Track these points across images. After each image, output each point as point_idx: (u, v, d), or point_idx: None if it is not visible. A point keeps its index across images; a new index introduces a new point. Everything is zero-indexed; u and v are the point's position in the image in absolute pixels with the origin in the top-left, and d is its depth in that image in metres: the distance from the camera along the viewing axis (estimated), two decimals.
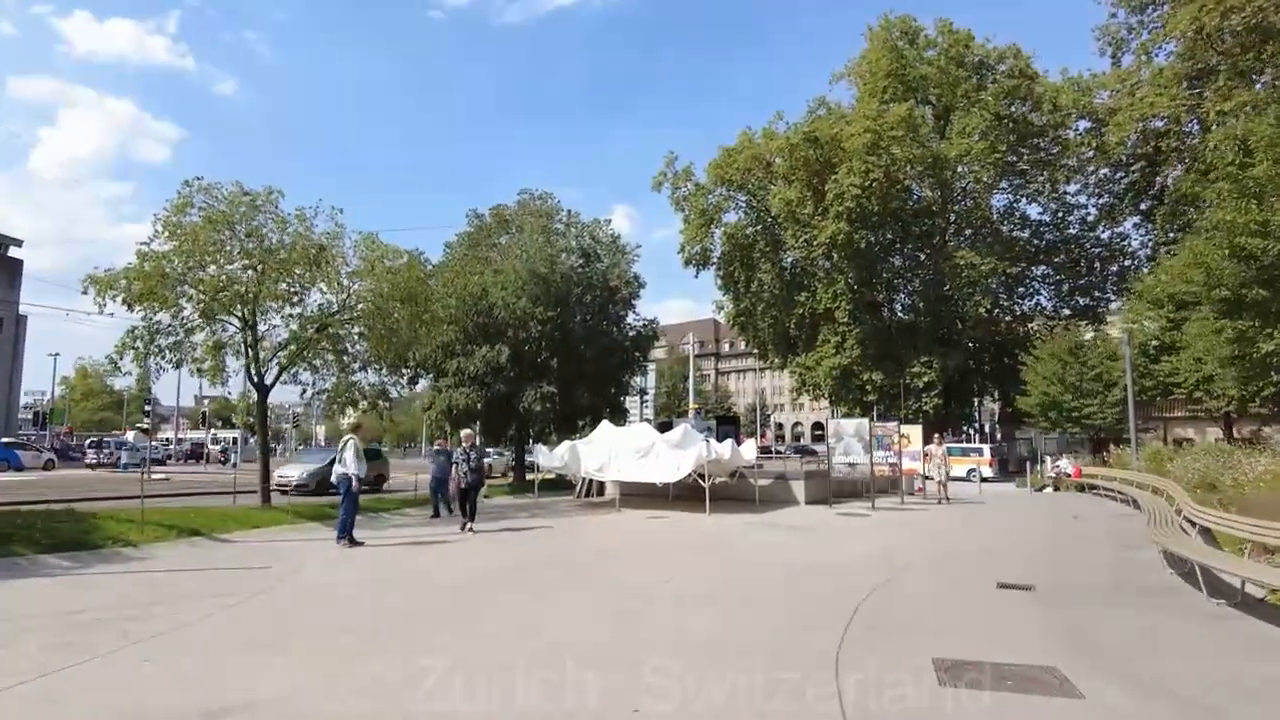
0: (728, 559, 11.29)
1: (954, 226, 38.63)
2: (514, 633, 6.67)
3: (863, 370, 37.46)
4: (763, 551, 12.07)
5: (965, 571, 10.23)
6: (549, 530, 14.93)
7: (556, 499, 21.80)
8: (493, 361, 23.06)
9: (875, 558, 11.24)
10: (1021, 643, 6.29)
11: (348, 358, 19.21)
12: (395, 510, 18.04)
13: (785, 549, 12.28)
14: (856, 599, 7.95)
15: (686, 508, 18.02)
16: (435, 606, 7.88)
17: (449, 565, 10.56)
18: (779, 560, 11.17)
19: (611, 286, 24.57)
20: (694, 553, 11.88)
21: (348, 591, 8.68)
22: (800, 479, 19.19)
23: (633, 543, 13.14)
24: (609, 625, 6.97)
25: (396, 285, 17.53)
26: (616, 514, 17.72)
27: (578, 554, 11.60)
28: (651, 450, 17.68)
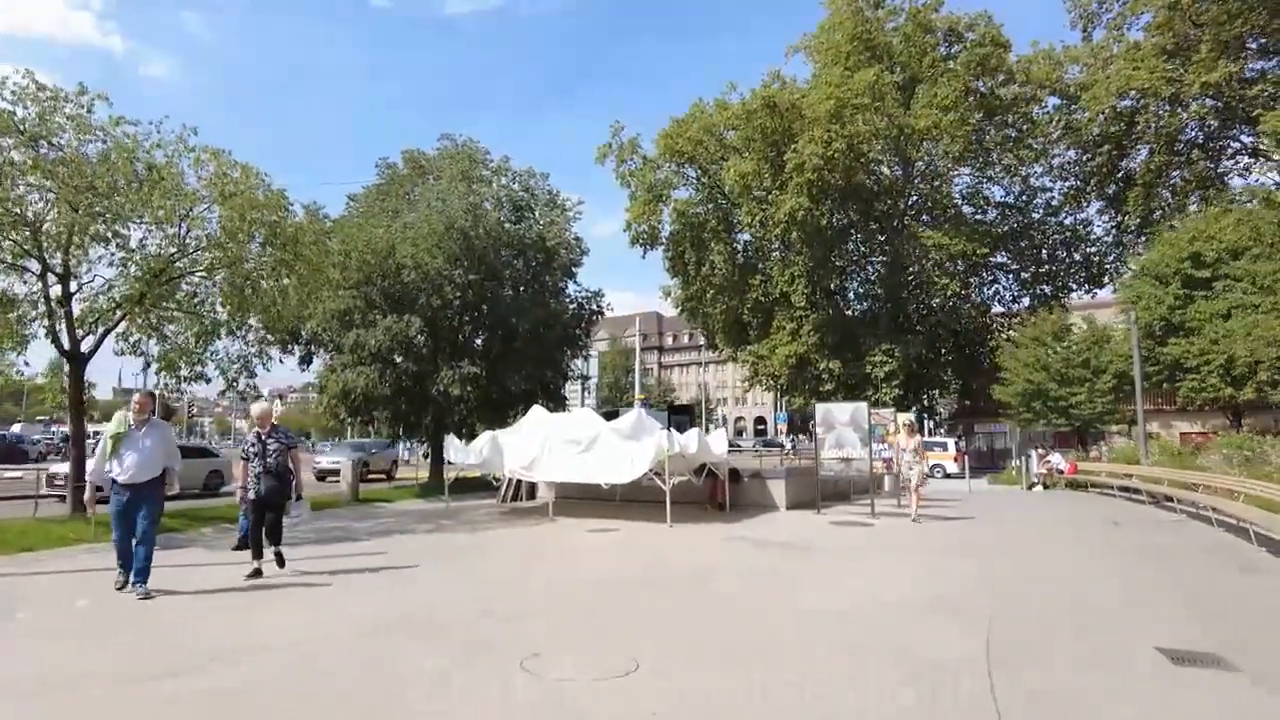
0: (715, 609, 6.97)
1: (915, 208, 35.36)
2: None
3: (819, 359, 33.78)
4: (761, 591, 7.82)
5: (1085, 627, 6.18)
6: (444, 556, 10.37)
7: (475, 503, 17.16)
8: (400, 335, 18.25)
9: (931, 600, 7.14)
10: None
11: (208, 322, 14.28)
12: (205, 525, 13.22)
13: (791, 585, 8.06)
14: (974, 704, 3.78)
15: (640, 515, 13.68)
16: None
17: (191, 644, 5.91)
18: (791, 608, 6.95)
19: (549, 248, 20.04)
20: (660, 596, 7.52)
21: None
22: (780, 478, 15.07)
23: (567, 578, 8.66)
24: None
25: (257, 222, 12.66)
26: (548, 525, 13.24)
27: (469, 608, 6.85)
28: (596, 442, 13.27)
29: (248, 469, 7.91)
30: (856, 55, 32.59)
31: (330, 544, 11.45)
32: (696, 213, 35.89)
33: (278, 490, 7.92)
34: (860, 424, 13.91)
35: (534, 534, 12.24)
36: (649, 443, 12.72)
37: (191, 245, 12.84)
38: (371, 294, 18.82)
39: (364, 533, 12.65)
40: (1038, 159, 33.56)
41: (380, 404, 19.28)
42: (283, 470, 7.93)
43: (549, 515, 13.90)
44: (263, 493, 7.80)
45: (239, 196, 12.08)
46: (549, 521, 13.57)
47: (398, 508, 16.83)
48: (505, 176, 20.46)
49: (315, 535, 12.38)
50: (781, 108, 31.79)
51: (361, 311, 18.77)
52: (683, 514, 13.12)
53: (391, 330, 18.15)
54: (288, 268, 13.31)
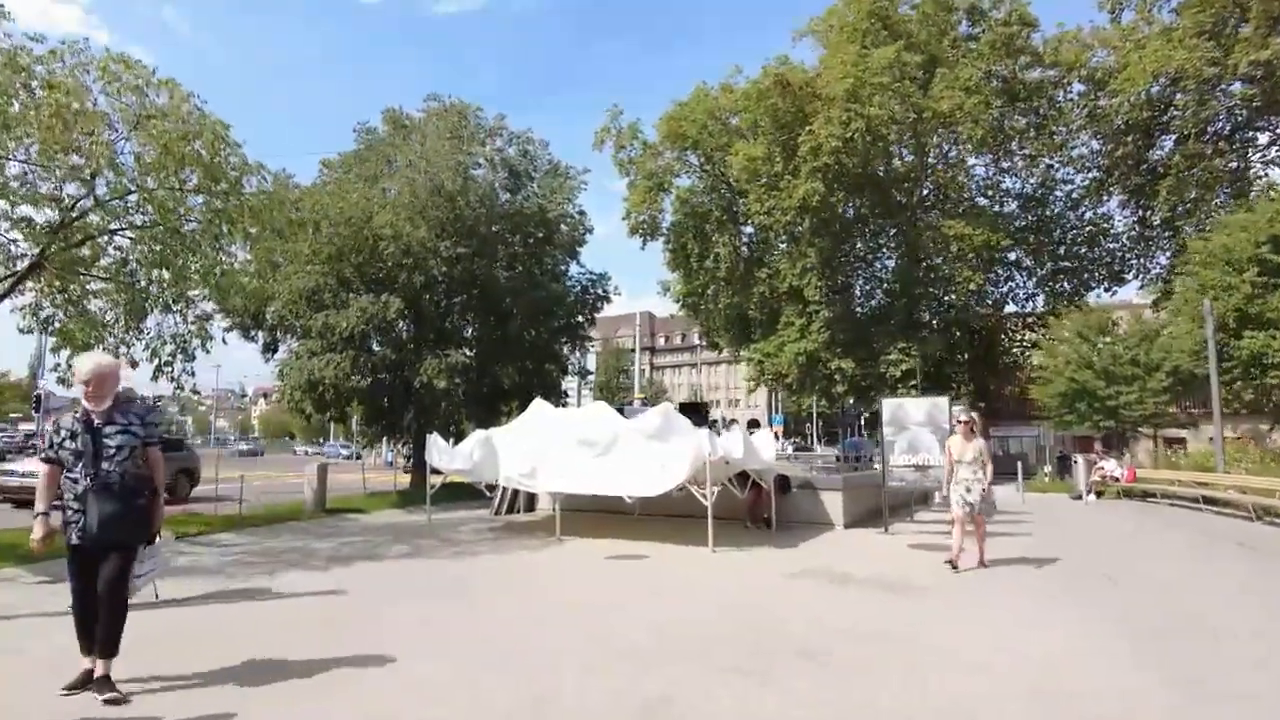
0: (854, 708, 4.17)
1: (930, 199, 32.88)
2: None
3: (831, 357, 31.12)
4: (894, 664, 5.00)
5: None
6: (422, 600, 7.50)
7: (462, 515, 14.26)
8: (377, 317, 15.31)
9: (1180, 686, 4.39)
10: None
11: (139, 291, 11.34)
12: None
13: (932, 653, 5.26)
14: None
15: (669, 534, 10.87)
16: None
17: None
18: (964, 694, 4.18)
19: (549, 221, 17.18)
20: (753, 686, 4.68)
21: None
22: (837, 489, 12.29)
23: (599, 652, 5.73)
24: None
25: (189, 159, 9.73)
26: (555, 549, 10.38)
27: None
28: (616, 445, 10.44)
29: (51, 481, 4.22)
30: (874, 34, 30.02)
31: (279, 570, 8.55)
32: (700, 202, 33.17)
33: (122, 523, 4.12)
34: (939, 423, 11.17)
35: (538, 563, 9.38)
36: (684, 446, 9.92)
37: (103, 189, 9.86)
38: (344, 270, 15.86)
39: (324, 556, 9.73)
40: (1060, 149, 31.19)
41: (353, 397, 16.31)
42: (134, 486, 4.25)
43: (554, 534, 11.03)
44: (93, 530, 4.04)
45: (159, 120, 9.13)
46: (554, 543, 10.70)
47: (371, 521, 13.88)
48: (500, 138, 17.63)
49: (263, 558, 9.46)
50: (795, 87, 29.15)
51: (333, 290, 15.81)
52: (721, 533, 10.32)
53: (367, 311, 15.20)
54: (231, 224, 10.36)
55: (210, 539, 11.18)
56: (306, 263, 15.65)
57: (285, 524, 12.96)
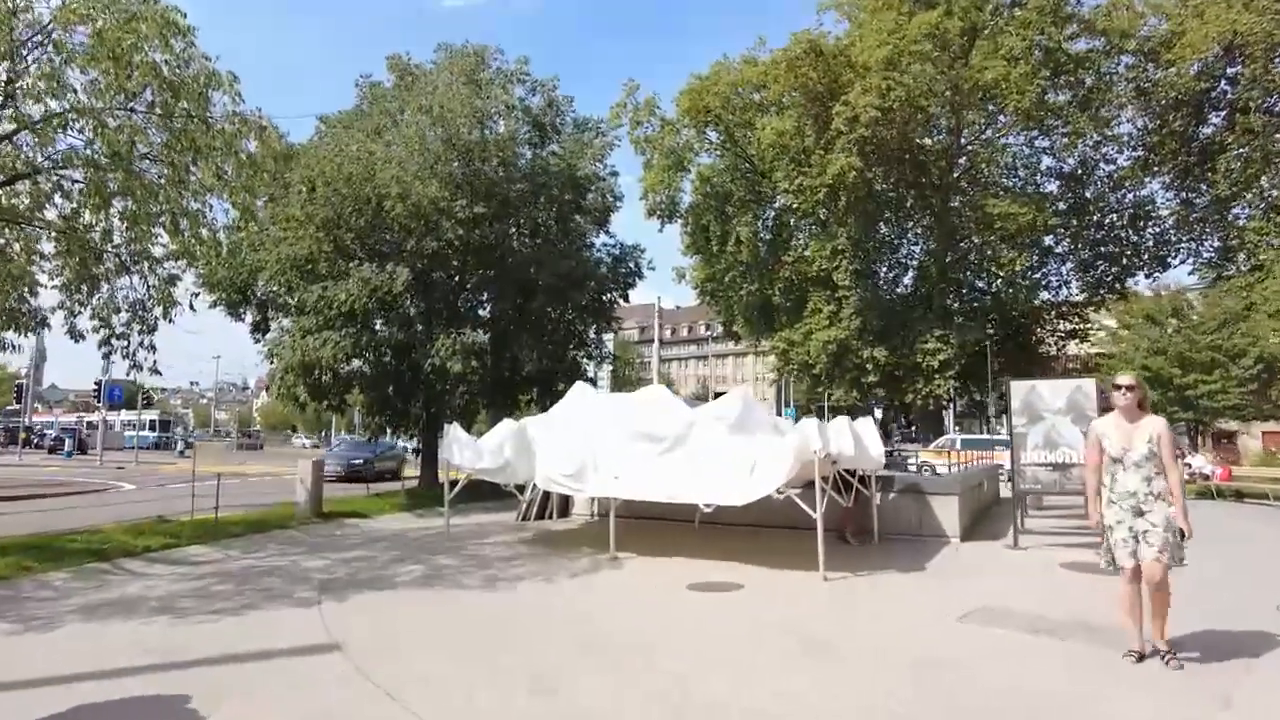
0: None
1: (967, 176, 30.45)
2: None
3: (862, 346, 28.72)
4: None
5: None
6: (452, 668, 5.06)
7: (483, 521, 11.82)
8: (381, 290, 12.82)
9: None
10: None
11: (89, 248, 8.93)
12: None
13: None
14: None
15: (752, 552, 8.45)
16: None
17: None
18: None
19: (578, 181, 14.69)
20: None
21: None
22: (951, 494, 9.86)
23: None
24: None
25: (140, 66, 7.25)
26: (613, 573, 7.94)
27: None
28: (688, 439, 7.99)
29: None
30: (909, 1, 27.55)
31: (251, 608, 6.11)
32: (721, 180, 30.70)
33: None
34: (1085, 411, 8.76)
35: (602, 597, 6.94)
36: (782, 441, 7.50)
37: (22, 96, 7.34)
38: (343, 236, 13.36)
39: (314, 582, 7.29)
40: (1105, 125, 28.76)
41: (354, 382, 13.84)
42: None
43: (607, 551, 8.57)
44: None
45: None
46: (609, 563, 8.26)
47: (375, 528, 11.45)
48: (522, 86, 15.10)
49: (235, 585, 7.01)
50: (828, 56, 26.67)
51: (330, 259, 13.31)
52: (809, 550, 7.91)
53: (370, 283, 12.71)
54: (198, 153, 7.88)
55: (174, 556, 8.73)
56: (299, 227, 13.16)
57: (271, 533, 10.50)
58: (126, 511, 11.99)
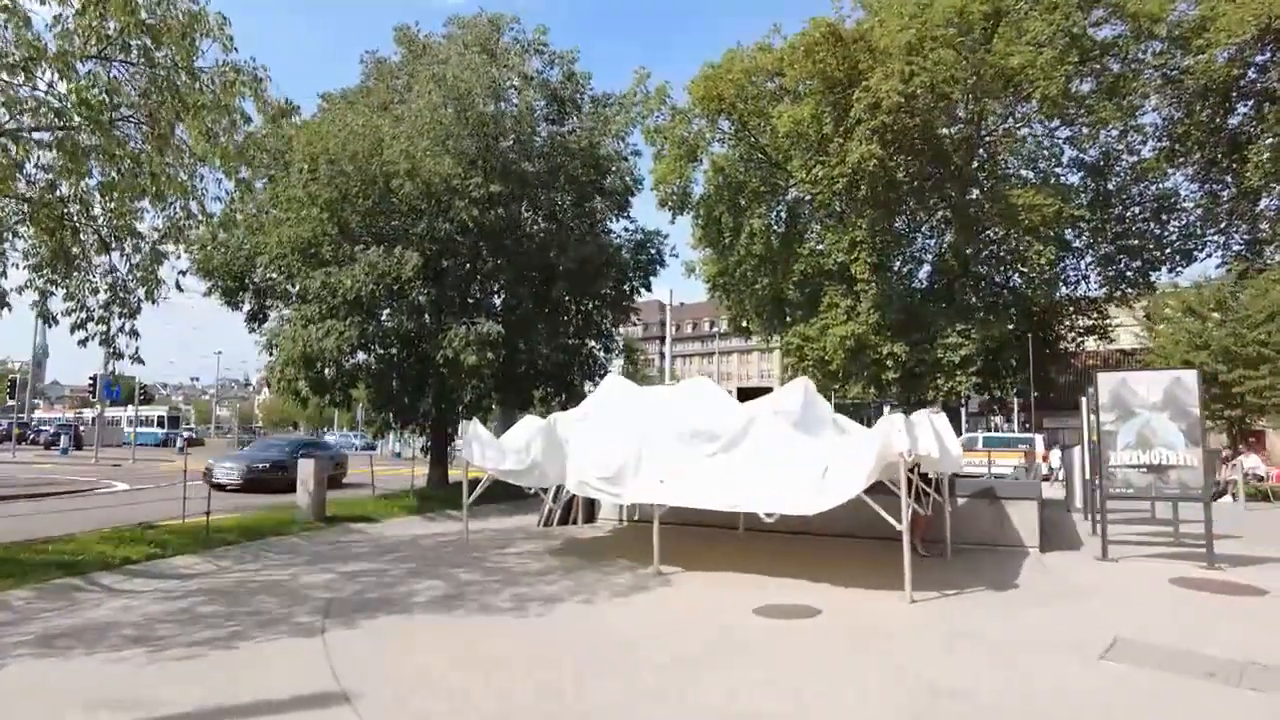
0: None
1: (988, 166, 29.34)
2: None
3: (881, 341, 27.56)
4: None
5: None
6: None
7: (501, 526, 10.73)
8: (390, 275, 11.69)
9: None
10: None
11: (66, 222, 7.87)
12: None
13: None
14: None
15: (815, 565, 7.37)
16: None
17: None
18: None
19: (600, 160, 13.55)
20: None
21: None
22: (1030, 499, 8.75)
23: None
24: None
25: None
26: (662, 594, 6.83)
27: None
28: (746, 438, 6.88)
29: None
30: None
31: (241, 637, 5.01)
32: (737, 170, 29.56)
33: None
34: (1186, 406, 7.66)
35: (655, 626, 5.84)
36: (861, 442, 6.42)
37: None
38: (347, 217, 12.23)
39: (316, 603, 6.20)
40: (1132, 114, 27.66)
41: (359, 376, 12.73)
42: None
43: (648, 564, 7.47)
44: None
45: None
46: (655, 579, 7.16)
47: (384, 534, 10.35)
48: (540, 57, 13.90)
49: (225, 606, 5.90)
50: (847, 41, 25.53)
51: (333, 242, 12.19)
52: (887, 564, 6.83)
53: (377, 268, 11.59)
54: (182, 105, 6.76)
55: (158, 569, 7.63)
56: (301, 207, 12.04)
57: (270, 540, 9.41)
58: (112, 515, 10.89)
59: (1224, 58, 24.87)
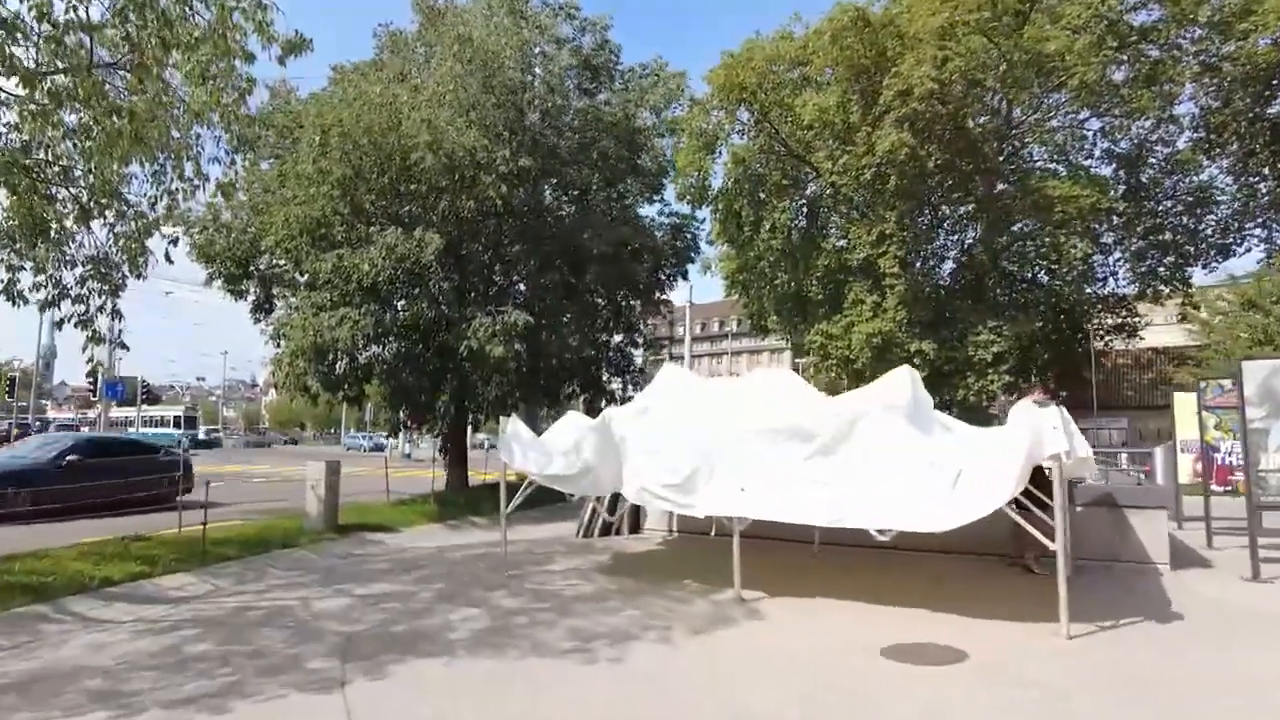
0: None
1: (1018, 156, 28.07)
2: None
3: (909, 339, 26.22)
4: None
5: None
6: None
7: (536, 535, 9.46)
8: (409, 258, 10.44)
9: None
10: None
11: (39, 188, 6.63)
12: None
13: None
14: None
15: (920, 589, 6.11)
16: None
17: None
18: None
19: (634, 133, 12.29)
20: None
21: None
22: (1159, 508, 7.44)
23: None
24: None
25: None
26: (754, 628, 5.56)
27: None
28: (849, 439, 5.61)
29: None
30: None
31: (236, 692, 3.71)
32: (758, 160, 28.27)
33: None
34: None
35: (759, 677, 4.57)
36: (1006, 443, 5.16)
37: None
38: (361, 196, 10.99)
39: (331, 640, 4.93)
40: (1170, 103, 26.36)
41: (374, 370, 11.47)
42: None
43: (722, 587, 6.22)
44: None
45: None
46: (738, 607, 5.90)
47: (404, 546, 9.10)
48: (571, 23, 12.63)
49: (217, 644, 4.59)
50: (876, 27, 24.25)
51: (346, 223, 10.95)
52: (996, 584, 5.59)
53: (396, 250, 10.34)
54: (166, 28, 5.53)
55: (143, 592, 6.38)
56: (310, 184, 10.81)
57: (274, 554, 8.16)
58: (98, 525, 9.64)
59: (1265, 43, 23.60)
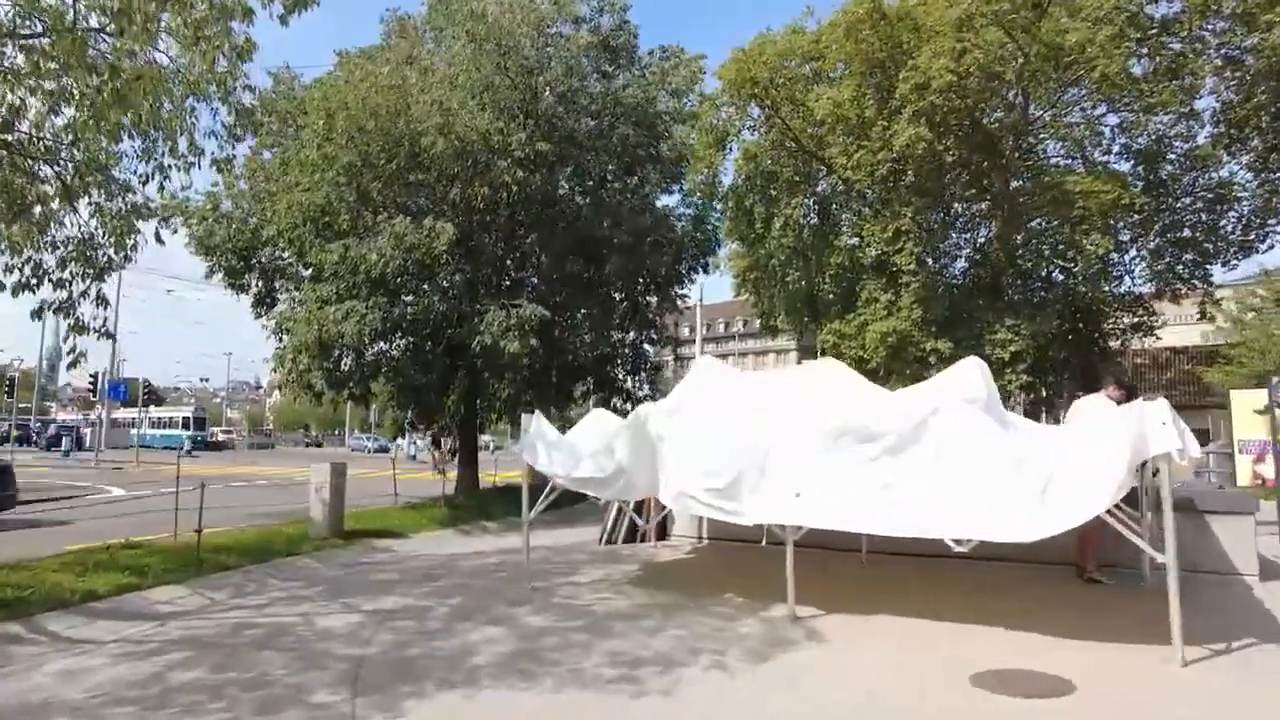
0: None
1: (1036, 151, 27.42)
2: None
3: (924, 337, 25.56)
4: None
5: None
6: None
7: (556, 541, 8.79)
8: (419, 248, 9.80)
9: None
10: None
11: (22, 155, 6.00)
12: None
13: None
14: None
15: (987, 603, 5.45)
16: None
17: None
18: None
19: (655, 117, 11.67)
20: None
21: None
22: (1245, 513, 6.74)
23: None
24: None
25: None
26: (811, 653, 4.91)
27: None
28: (922, 438, 4.94)
29: None
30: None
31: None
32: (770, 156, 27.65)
33: None
34: None
35: (838, 705, 3.91)
36: (1104, 441, 4.50)
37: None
38: (367, 183, 10.36)
39: (339, 667, 4.27)
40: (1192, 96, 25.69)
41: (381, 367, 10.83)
42: None
43: (771, 602, 5.58)
44: None
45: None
46: (795, 628, 5.24)
47: (414, 553, 8.45)
48: (588, 1, 11.96)
49: (207, 673, 3.91)
50: (891, 19, 23.65)
51: (351, 211, 10.32)
52: (1076, 597, 4.95)
53: (405, 241, 9.71)
54: None
55: (130, 607, 5.74)
56: (314, 171, 10.19)
57: (276, 563, 7.52)
58: (91, 529, 9.02)
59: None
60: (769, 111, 28.37)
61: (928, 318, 25.63)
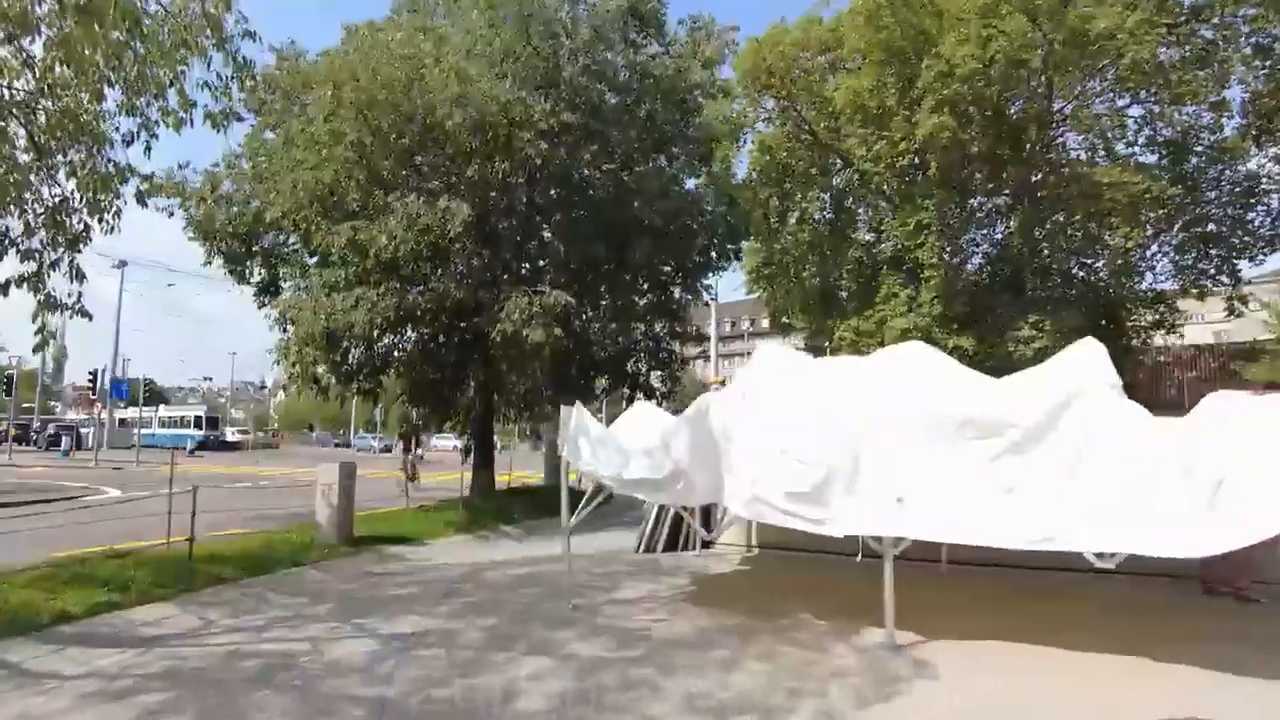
0: None
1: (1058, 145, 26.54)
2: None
3: (946, 334, 24.62)
4: None
5: None
6: None
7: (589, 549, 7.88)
8: (434, 230, 8.91)
9: None
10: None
11: None
12: None
13: None
14: None
15: (1097, 623, 4.56)
16: None
17: None
18: None
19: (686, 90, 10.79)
20: None
21: None
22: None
23: None
24: None
25: None
26: (926, 691, 4.02)
27: None
28: (1053, 432, 4.07)
29: None
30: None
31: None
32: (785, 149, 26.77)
33: None
34: None
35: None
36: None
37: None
38: (377, 160, 9.48)
39: (354, 708, 3.36)
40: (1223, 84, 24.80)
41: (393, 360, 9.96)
42: None
43: (865, 625, 4.71)
44: None
45: None
46: (896, 658, 4.37)
47: (432, 562, 7.54)
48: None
49: (196, 715, 2.99)
50: (913, 5, 22.76)
51: (361, 189, 9.44)
52: (1188, 614, 4.08)
53: (418, 222, 8.83)
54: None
55: (106, 630, 4.86)
56: (320, 148, 9.32)
57: (279, 576, 6.64)
58: (80, 534, 8.14)
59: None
60: (784, 103, 27.44)
61: (948, 314, 24.71)
